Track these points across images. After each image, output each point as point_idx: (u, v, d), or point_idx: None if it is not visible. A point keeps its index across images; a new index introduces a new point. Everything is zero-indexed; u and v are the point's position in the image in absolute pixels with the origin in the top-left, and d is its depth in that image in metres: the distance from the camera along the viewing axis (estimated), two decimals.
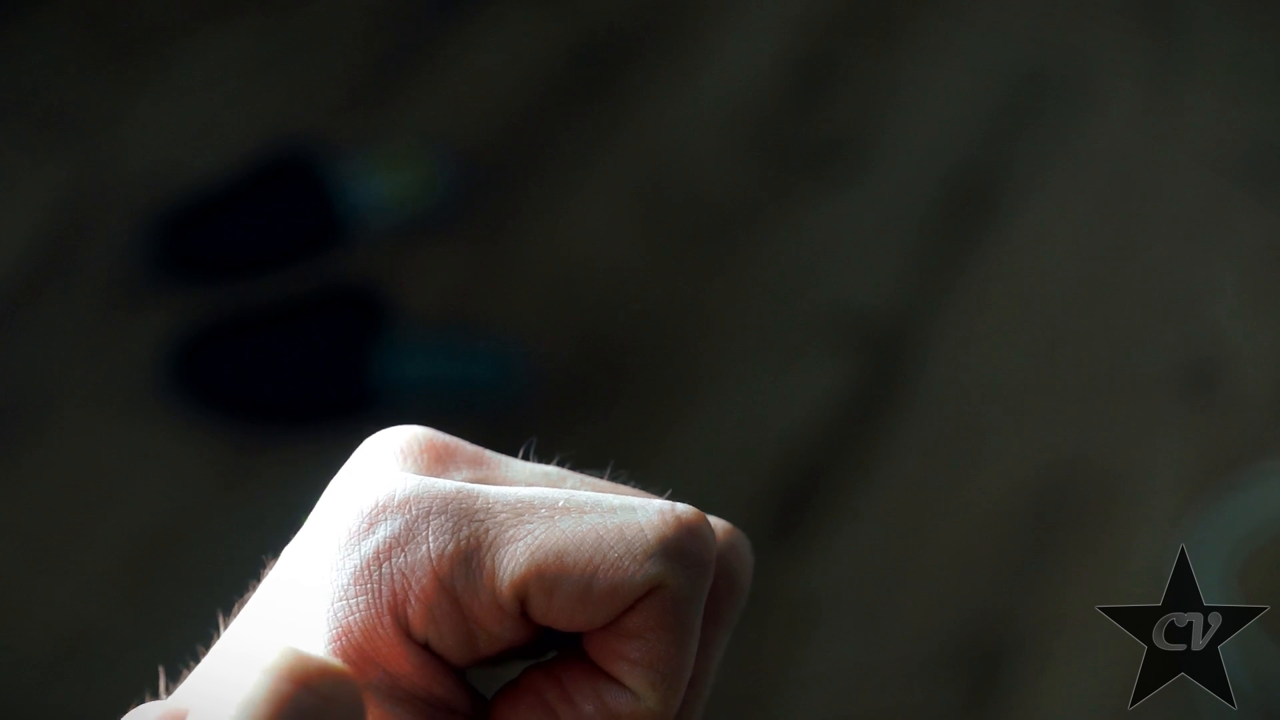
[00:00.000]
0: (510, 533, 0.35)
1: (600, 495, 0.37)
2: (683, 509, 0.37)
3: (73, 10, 1.58)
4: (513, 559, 0.35)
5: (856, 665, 1.34)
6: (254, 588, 0.39)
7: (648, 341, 1.47)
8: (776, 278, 1.51)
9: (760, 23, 1.65)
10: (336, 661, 0.31)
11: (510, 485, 0.38)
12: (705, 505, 0.40)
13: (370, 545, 0.35)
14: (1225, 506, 1.39)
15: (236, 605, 0.40)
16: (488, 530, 0.35)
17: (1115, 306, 1.53)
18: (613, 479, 0.41)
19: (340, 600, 0.35)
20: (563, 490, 0.37)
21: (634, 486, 0.41)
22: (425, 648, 0.35)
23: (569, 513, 0.36)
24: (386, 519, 0.35)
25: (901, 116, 1.61)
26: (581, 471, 0.40)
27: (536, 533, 0.35)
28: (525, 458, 0.40)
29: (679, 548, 0.36)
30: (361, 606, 0.35)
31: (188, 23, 1.59)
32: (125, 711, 0.35)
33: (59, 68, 1.56)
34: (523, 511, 0.36)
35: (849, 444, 1.43)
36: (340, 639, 0.35)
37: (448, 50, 1.59)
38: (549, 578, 0.35)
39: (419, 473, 0.37)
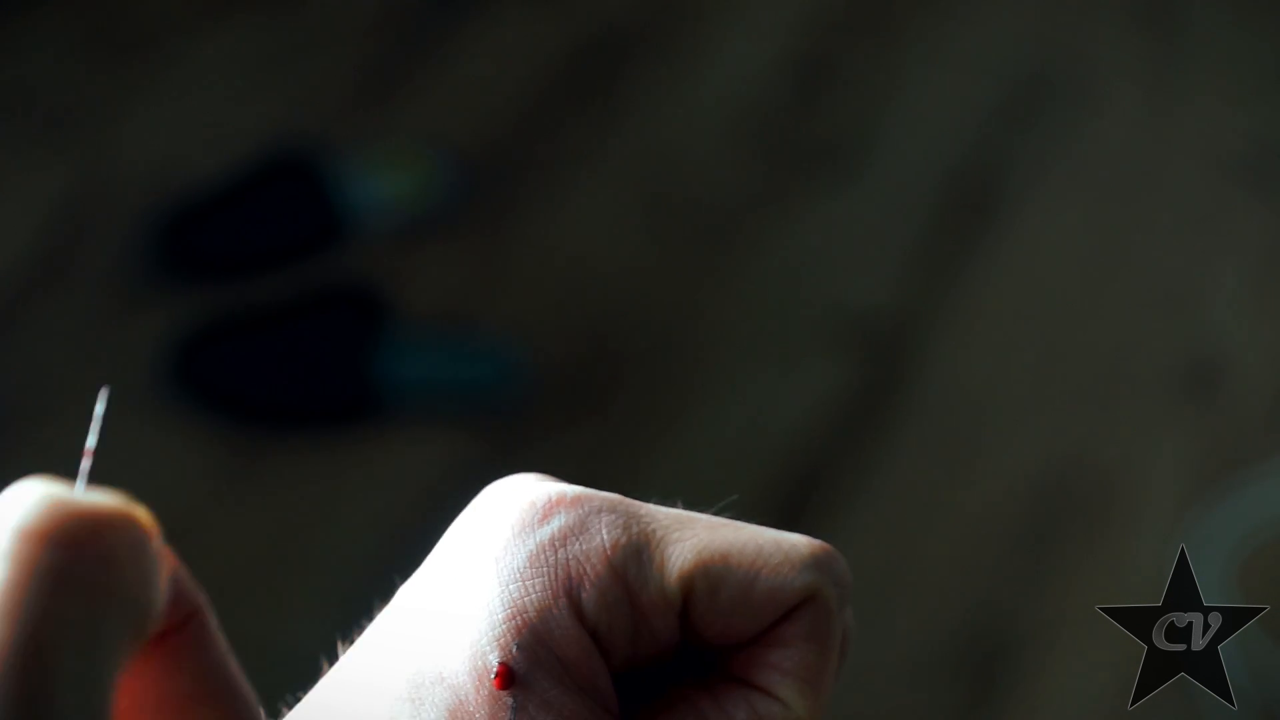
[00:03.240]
0: (676, 534, 0.37)
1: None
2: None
3: (73, 10, 1.58)
4: (681, 555, 0.37)
5: (856, 665, 1.34)
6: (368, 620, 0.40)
7: (648, 341, 1.47)
8: (776, 278, 1.51)
9: (760, 23, 1.65)
10: (110, 502, 0.30)
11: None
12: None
13: (546, 532, 0.37)
14: (1225, 506, 1.39)
15: (352, 635, 0.40)
16: (654, 530, 0.37)
17: (1115, 306, 1.53)
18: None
19: (515, 582, 0.36)
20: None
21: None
22: (593, 636, 0.37)
23: (726, 525, 0.38)
24: (560, 512, 0.37)
25: (901, 116, 1.61)
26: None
27: (701, 536, 0.37)
28: None
29: (830, 564, 0.38)
30: (538, 588, 0.36)
31: (188, 22, 1.59)
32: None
33: (59, 68, 1.56)
34: (685, 521, 0.38)
35: (849, 444, 1.43)
36: (514, 618, 0.36)
37: (448, 50, 1.59)
38: (715, 574, 0.37)
39: None
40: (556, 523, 0.37)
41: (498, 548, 0.36)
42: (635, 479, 1.38)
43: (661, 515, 0.38)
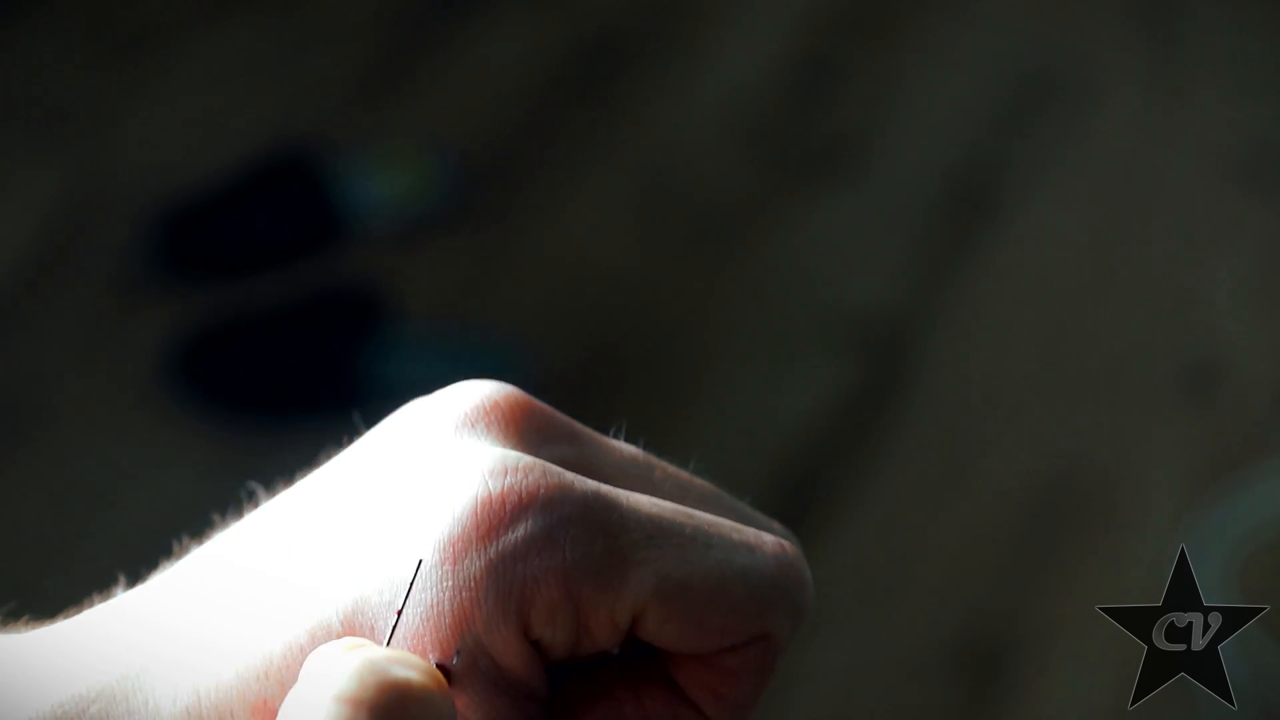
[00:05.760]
0: (641, 554, 0.35)
1: (720, 523, 0.38)
2: (794, 554, 0.38)
3: (73, 10, 1.58)
4: (639, 582, 0.35)
5: (856, 665, 1.34)
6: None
7: (648, 341, 1.47)
8: (776, 278, 1.51)
9: (760, 23, 1.65)
10: (423, 673, 0.32)
11: (604, 468, 0.39)
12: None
13: (509, 542, 0.35)
14: (1225, 506, 1.39)
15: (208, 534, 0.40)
16: (620, 548, 0.35)
17: (1115, 306, 1.53)
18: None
19: (467, 589, 0.35)
20: (687, 512, 0.37)
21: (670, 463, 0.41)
22: (534, 644, 0.36)
23: (695, 544, 0.36)
24: (529, 517, 0.35)
25: (902, 116, 1.61)
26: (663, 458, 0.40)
27: (666, 559, 0.36)
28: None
29: (792, 600, 0.37)
30: (490, 600, 0.35)
31: (188, 22, 1.59)
32: None
33: (59, 68, 1.56)
34: (654, 534, 0.36)
35: (849, 444, 1.43)
36: (460, 625, 0.35)
37: (448, 50, 1.59)
38: (669, 606, 0.36)
39: (515, 442, 0.37)
40: (521, 530, 0.35)
41: (457, 544, 0.35)
42: None
43: (633, 525, 0.36)
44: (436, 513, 0.35)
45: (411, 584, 0.35)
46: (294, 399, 1.42)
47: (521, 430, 0.38)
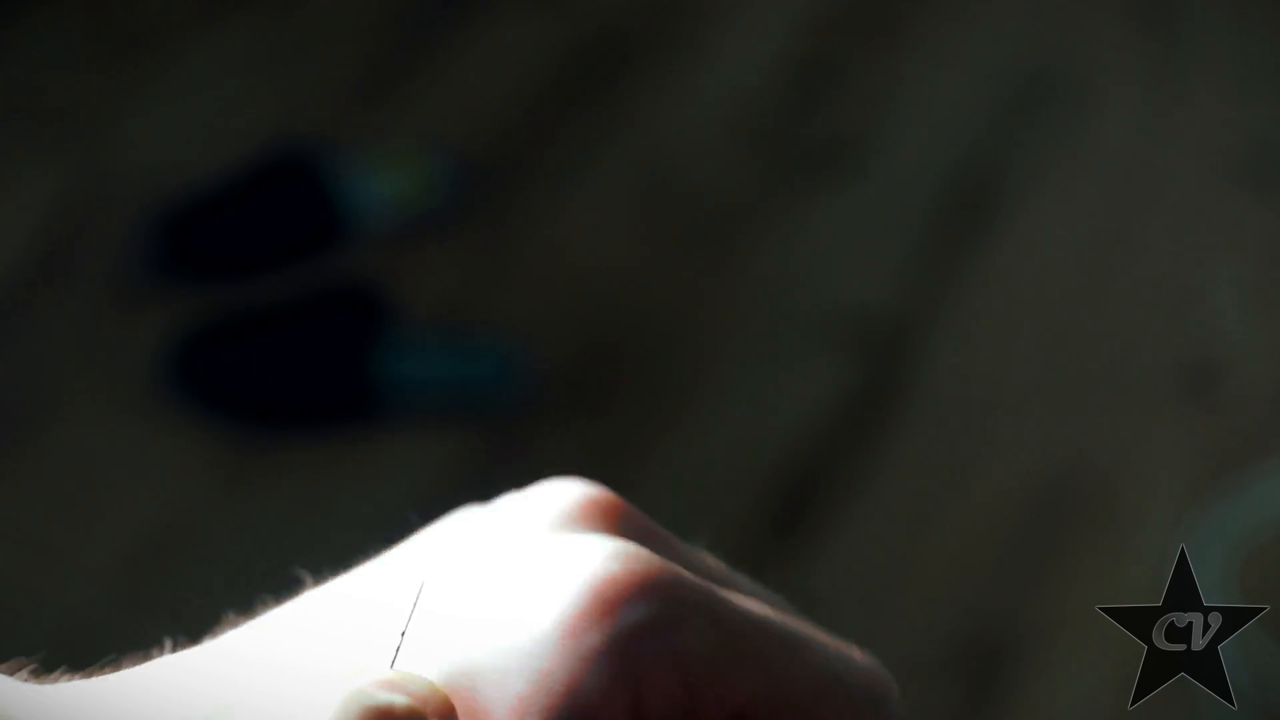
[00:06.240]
0: (751, 648, 0.37)
1: (816, 631, 0.39)
2: (881, 666, 0.40)
3: (73, 10, 1.58)
4: (750, 678, 0.36)
5: None
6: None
7: (648, 341, 1.47)
8: (776, 278, 1.51)
9: (760, 23, 1.65)
10: (416, 694, 0.33)
11: (696, 571, 0.40)
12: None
13: (632, 618, 0.35)
14: (1225, 506, 1.39)
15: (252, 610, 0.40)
16: (734, 641, 0.36)
17: (1115, 306, 1.53)
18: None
19: (582, 662, 0.35)
20: (785, 617, 0.39)
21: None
22: None
23: (798, 646, 0.38)
24: (649, 600, 0.36)
25: (902, 116, 1.61)
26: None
27: (773, 659, 0.37)
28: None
29: (881, 710, 0.39)
30: (605, 678, 0.35)
31: (188, 21, 1.59)
32: None
33: (59, 67, 1.56)
34: (763, 632, 0.37)
35: (849, 444, 1.43)
36: (569, 695, 0.35)
37: (448, 50, 1.59)
38: (772, 704, 0.36)
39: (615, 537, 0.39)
40: (644, 611, 0.35)
41: (578, 618, 0.35)
42: (636, 478, 1.38)
43: (743, 621, 0.37)
44: (555, 587, 0.36)
45: (414, 606, 0.35)
46: (293, 399, 1.42)
47: (619, 528, 0.39)
